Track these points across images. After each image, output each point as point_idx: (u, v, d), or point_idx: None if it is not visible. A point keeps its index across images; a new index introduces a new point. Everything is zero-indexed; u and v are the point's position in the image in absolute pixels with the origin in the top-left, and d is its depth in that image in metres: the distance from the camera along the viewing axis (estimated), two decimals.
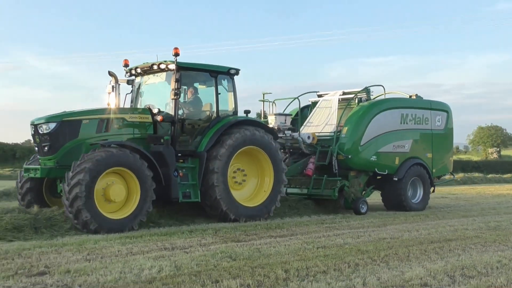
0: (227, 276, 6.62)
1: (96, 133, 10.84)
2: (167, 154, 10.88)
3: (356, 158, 14.40)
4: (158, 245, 8.93)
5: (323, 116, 15.55)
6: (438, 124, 16.30)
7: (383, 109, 14.94)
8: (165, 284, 6.19)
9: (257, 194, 12.32)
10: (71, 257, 7.75)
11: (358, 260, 7.84)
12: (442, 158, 16.54)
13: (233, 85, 12.55)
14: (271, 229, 11.26)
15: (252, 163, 12.30)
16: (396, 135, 15.08)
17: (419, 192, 15.80)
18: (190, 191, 11.08)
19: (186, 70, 11.60)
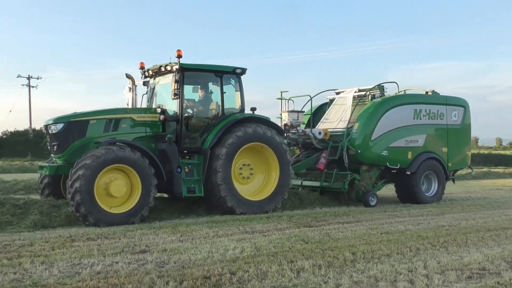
0: (300, 257, 6.64)
1: (103, 133, 10.30)
2: (170, 151, 10.35)
3: (367, 153, 13.44)
4: (240, 229, 9.05)
5: (338, 113, 14.68)
6: (455, 119, 15.04)
7: (394, 105, 13.88)
8: (247, 263, 6.28)
9: (265, 187, 11.58)
10: (167, 238, 8.01)
11: (419, 245, 7.65)
12: (458, 152, 15.22)
13: (239, 84, 11.71)
14: (339, 216, 11.16)
15: (259, 158, 11.59)
16: (408, 130, 13.99)
17: (433, 186, 14.63)
18: (195, 186, 10.53)
19: (190, 71, 10.93)
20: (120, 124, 10.45)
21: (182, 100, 10.82)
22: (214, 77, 11.37)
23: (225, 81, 11.56)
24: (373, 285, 5.41)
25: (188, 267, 6.02)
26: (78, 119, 10.21)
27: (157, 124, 10.81)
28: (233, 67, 11.47)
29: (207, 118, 11.34)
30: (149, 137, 10.69)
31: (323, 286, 5.31)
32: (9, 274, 5.58)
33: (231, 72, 11.50)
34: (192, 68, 10.91)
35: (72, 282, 5.29)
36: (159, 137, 10.62)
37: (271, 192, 11.44)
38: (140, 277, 5.51)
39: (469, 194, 18.32)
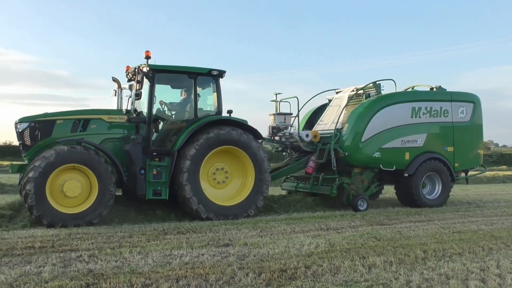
0: (372, 254, 6.46)
1: (71, 133, 9.48)
2: (133, 152, 9.45)
3: (357, 155, 11.74)
4: (315, 226, 8.97)
5: (333, 114, 13.04)
6: (462, 116, 13.00)
7: (387, 104, 12.07)
8: (321, 258, 6.20)
9: (240, 193, 10.25)
10: (248, 233, 8.09)
11: (492, 244, 7.18)
12: (467, 152, 13.12)
13: (217, 86, 10.40)
14: (411, 215, 10.74)
15: (236, 163, 10.33)
16: (405, 130, 12.15)
17: (437, 188, 12.70)
18: (161, 189, 9.52)
19: (161, 73, 9.89)
20: (89, 125, 9.64)
21: (152, 102, 9.78)
22: (187, 79, 10.20)
23: (203, 84, 10.58)
24: (444, 282, 5.14)
25: (267, 260, 6.05)
26: (44, 119, 9.49)
27: (127, 126, 9.89)
28: (209, 69, 10.25)
29: (181, 121, 10.34)
30: (120, 138, 9.83)
31: (393, 282, 5.13)
32: (111, 262, 5.89)
33: (207, 74, 10.28)
34: (163, 70, 9.93)
35: (163, 270, 5.49)
36: (128, 139, 9.74)
37: (244, 198, 10.14)
38: (223, 268, 5.60)
39: None
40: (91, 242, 7.11)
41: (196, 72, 10.15)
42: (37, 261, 5.90)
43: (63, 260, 5.94)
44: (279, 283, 5.07)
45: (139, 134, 9.71)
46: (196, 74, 10.15)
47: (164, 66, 9.89)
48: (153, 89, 9.73)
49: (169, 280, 5.10)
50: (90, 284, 4.93)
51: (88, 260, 5.99)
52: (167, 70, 9.99)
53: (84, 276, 5.20)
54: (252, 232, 8.23)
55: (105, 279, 5.08)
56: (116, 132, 9.84)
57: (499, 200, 14.48)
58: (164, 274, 5.31)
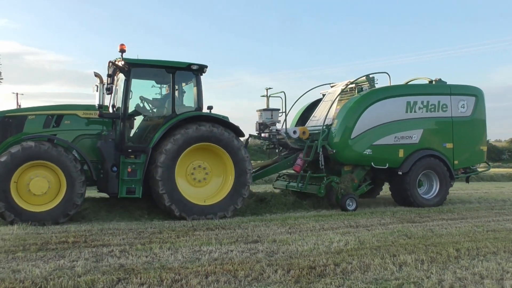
0: (403, 252, 6.35)
1: (43, 129, 9.18)
2: (105, 149, 9.12)
3: (346, 152, 11.09)
4: (344, 223, 8.88)
5: (325, 109, 12.20)
6: (462, 110, 12.14)
7: (379, 98, 11.35)
8: (350, 255, 6.13)
9: (219, 192, 9.71)
10: (277, 230, 8.07)
11: None
12: (468, 148, 12.28)
13: (197, 81, 9.88)
14: (443, 212, 10.51)
15: (216, 160, 9.77)
16: (399, 126, 11.42)
17: (435, 186, 11.92)
18: (135, 187, 9.10)
19: (137, 67, 9.47)
20: (63, 121, 9.31)
21: (127, 97, 9.39)
22: (165, 73, 9.78)
23: (185, 79, 10.22)
24: (478, 282, 5.01)
25: (295, 257, 6.02)
26: (15, 114, 9.25)
27: (104, 122, 9.55)
28: (188, 63, 9.73)
29: (159, 117, 9.93)
30: (96, 135, 9.48)
31: (425, 281, 5.02)
32: (142, 257, 5.97)
33: (186, 69, 9.77)
34: (139, 64, 9.51)
35: (193, 266, 5.53)
36: (101, 135, 9.43)
37: (222, 198, 9.63)
38: (251, 264, 5.60)
39: None
40: (122, 238, 7.23)
41: (175, 67, 9.72)
42: (71, 255, 6.03)
43: (95, 255, 6.06)
44: (308, 280, 5.04)
45: (112, 130, 9.41)
46: (174, 68, 9.72)
47: (140, 60, 9.54)
48: (129, 83, 9.37)
49: (198, 276, 5.13)
50: (121, 279, 5.01)
51: (119, 255, 6.08)
52: (144, 64, 9.60)
53: (116, 271, 5.28)
54: (281, 229, 8.20)
55: (136, 274, 5.15)
56: (92, 128, 9.49)
57: None
58: (193, 270, 5.35)
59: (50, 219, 8.43)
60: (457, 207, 11.50)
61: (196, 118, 9.58)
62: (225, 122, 9.77)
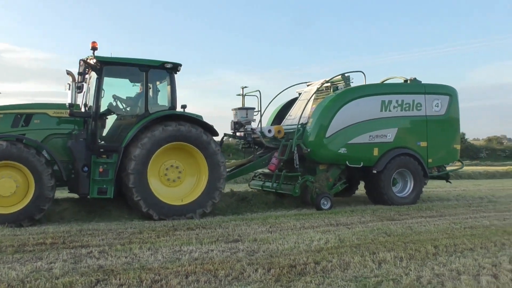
0: (382, 249, 6.42)
1: (11, 128, 8.90)
2: (75, 149, 8.88)
3: (321, 151, 11.07)
4: (325, 222, 8.93)
5: (301, 108, 12.13)
6: (437, 109, 12.19)
7: (354, 97, 11.34)
8: (331, 253, 6.17)
9: (193, 192, 9.56)
10: (257, 229, 8.07)
11: (505, 240, 7.11)
12: (442, 147, 12.34)
13: (171, 80, 9.74)
14: (422, 210, 10.66)
15: (190, 160, 9.61)
16: (373, 124, 11.44)
17: (409, 185, 11.95)
18: (107, 187, 8.91)
19: (109, 65, 9.26)
20: (32, 120, 9.07)
21: (99, 96, 9.20)
22: (138, 72, 9.57)
23: (159, 77, 10.06)
24: (455, 278, 5.09)
25: (276, 256, 6.03)
26: None
27: (76, 121, 9.32)
28: (162, 62, 9.60)
29: (132, 116, 9.72)
30: (67, 134, 9.23)
31: (404, 277, 5.09)
32: (121, 258, 5.91)
33: (159, 67, 9.62)
34: (111, 62, 9.31)
35: (173, 266, 5.50)
36: (72, 135, 9.19)
37: (197, 197, 9.48)
38: (232, 264, 5.60)
39: None
40: (101, 238, 7.15)
41: (148, 65, 9.56)
42: (48, 257, 5.94)
43: (73, 256, 5.98)
44: (289, 278, 5.05)
45: (83, 130, 9.19)
46: (147, 67, 9.55)
47: (113, 58, 9.36)
48: (101, 82, 9.17)
49: (179, 276, 5.10)
50: (100, 280, 4.96)
51: (99, 256, 6.02)
52: (116, 62, 9.40)
53: (94, 272, 5.23)
54: (261, 228, 8.21)
55: (115, 275, 5.10)
56: (62, 128, 9.25)
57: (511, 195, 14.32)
58: (173, 270, 5.32)
59: (25, 218, 8.26)
60: (435, 205, 11.67)
61: (170, 117, 9.45)
62: (198, 121, 9.64)
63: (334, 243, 6.84)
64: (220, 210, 10.23)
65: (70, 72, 9.99)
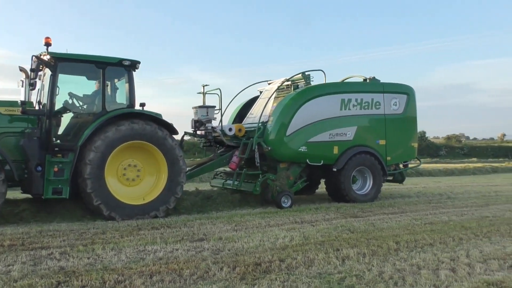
0: (346, 246, 6.53)
1: None
2: (28, 148, 8.60)
3: (281, 150, 11.09)
4: (290, 219, 9.01)
5: (262, 107, 12.04)
6: (395, 108, 12.40)
7: (314, 96, 11.39)
8: (295, 251, 6.24)
9: (152, 191, 9.44)
10: (223, 228, 8.08)
11: (462, 235, 7.36)
12: (400, 145, 12.56)
13: (129, 77, 9.59)
14: (384, 207, 10.91)
15: (149, 159, 9.48)
16: (333, 123, 11.54)
17: (368, 182, 12.14)
18: (62, 187, 8.64)
19: (64, 61, 9.02)
20: None
21: (54, 93, 8.95)
22: (95, 69, 9.38)
23: (117, 75, 9.85)
24: (415, 273, 5.24)
25: (241, 254, 6.05)
26: None
27: (29, 119, 8.97)
28: (119, 59, 9.43)
29: (89, 114, 9.48)
30: (18, 132, 8.87)
31: (366, 273, 5.20)
32: (83, 259, 5.80)
33: (117, 64, 9.47)
34: (66, 58, 9.06)
35: (137, 266, 5.44)
36: (25, 133, 8.86)
37: (159, 194, 9.37)
38: (197, 263, 5.58)
39: None
40: (62, 239, 6.98)
41: (105, 62, 9.37)
42: (6, 259, 5.76)
43: (33, 258, 5.82)
44: (254, 276, 5.08)
45: (37, 128, 8.86)
46: (105, 64, 9.36)
47: (68, 54, 9.09)
48: (56, 79, 8.89)
49: (143, 276, 5.05)
50: (61, 282, 4.85)
51: (60, 257, 5.88)
52: (71, 59, 9.15)
53: (55, 274, 5.10)
54: (227, 226, 8.22)
55: (77, 277, 4.99)
56: (15, 126, 8.88)
57: (469, 192, 14.83)
58: (137, 270, 5.25)
59: None
60: (397, 202, 11.96)
61: (128, 115, 9.27)
62: (158, 119, 9.49)
63: (298, 241, 6.92)
64: (185, 209, 10.16)
65: (23, 69, 9.71)
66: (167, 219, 9.03)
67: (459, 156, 52.61)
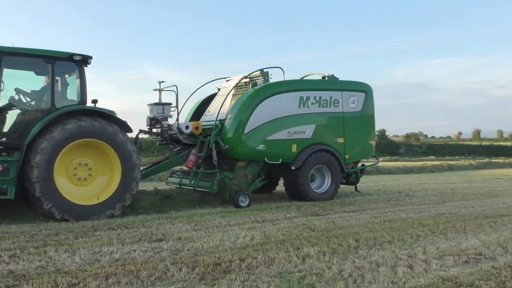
0: (306, 244, 6.60)
1: None
2: None
3: (239, 148, 11.03)
4: (251, 218, 9.03)
5: (219, 104, 11.90)
6: (353, 106, 12.52)
7: (272, 93, 11.40)
8: (256, 250, 6.25)
9: (105, 191, 9.21)
10: (182, 227, 8.01)
11: (420, 232, 7.57)
12: (358, 143, 12.72)
13: (80, 73, 9.34)
14: (345, 205, 11.08)
15: (102, 157, 9.25)
16: (292, 121, 11.56)
17: (326, 181, 12.21)
18: (7, 187, 8.26)
19: (9, 55, 8.70)
20: None
21: None
22: (44, 63, 9.06)
23: (67, 70, 9.57)
24: (374, 270, 5.35)
25: (201, 254, 6.01)
26: None
27: None
28: (69, 53, 9.16)
29: (37, 111, 9.18)
30: None
31: (326, 271, 5.27)
32: (34, 262, 5.61)
33: (67, 59, 9.18)
34: (12, 52, 8.76)
35: (92, 268, 5.31)
36: None
37: (109, 197, 9.14)
38: (155, 264, 5.51)
39: (469, 183, 18.16)
40: (12, 242, 6.73)
41: (54, 57, 9.04)
42: None
43: None
44: (213, 276, 5.06)
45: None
46: (54, 58, 9.03)
47: (14, 48, 8.78)
48: (0, 74, 8.54)
49: (98, 278, 4.94)
50: (10, 286, 4.68)
51: (9, 260, 5.67)
52: (18, 53, 8.82)
53: (4, 278, 4.92)
54: (186, 226, 8.15)
55: (27, 280, 4.83)
56: None
57: (427, 189, 15.29)
58: (92, 272, 5.14)
59: None
60: (357, 200, 12.18)
61: (79, 112, 9.00)
62: (110, 117, 9.27)
63: (259, 240, 6.94)
64: (144, 208, 10.01)
65: None
66: (124, 219, 8.88)
67: (418, 154, 54.17)
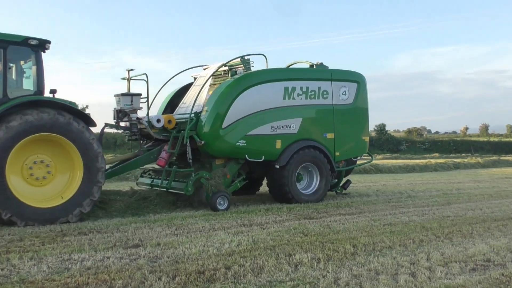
0: (299, 250, 6.63)
1: None
2: None
3: (216, 144, 10.83)
4: (237, 222, 9.04)
5: (195, 95, 11.58)
6: (344, 97, 12.27)
7: (254, 83, 11.12)
8: (243, 257, 6.26)
9: (68, 189, 9.07)
10: (161, 232, 7.99)
11: (423, 236, 7.64)
12: (350, 138, 12.55)
13: (37, 60, 9.13)
14: (341, 207, 11.14)
15: (62, 154, 9.08)
16: (276, 114, 11.32)
17: (315, 181, 12.00)
18: None
19: None
20: None
21: None
22: None
23: (22, 56, 9.37)
24: (373, 278, 5.39)
25: (182, 262, 6.00)
26: None
27: None
28: (24, 37, 8.94)
29: None
30: None
31: (321, 280, 5.29)
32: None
33: (22, 44, 8.95)
34: None
35: (60, 278, 5.28)
36: None
37: (73, 194, 9.01)
38: (131, 272, 5.49)
39: (477, 183, 18.34)
40: None
41: (6, 41, 8.80)
42: None
43: None
44: (196, 286, 5.06)
45: None
46: (6, 42, 8.79)
47: None
48: None
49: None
50: None
51: None
52: None
53: None
54: (166, 230, 8.14)
55: None
56: None
57: (430, 190, 15.42)
58: (61, 282, 5.11)
59: None
60: (355, 201, 12.25)
61: (35, 103, 8.83)
62: (71, 109, 9.09)
63: (247, 245, 6.94)
64: (118, 211, 9.98)
65: None
66: (96, 223, 8.83)
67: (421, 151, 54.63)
